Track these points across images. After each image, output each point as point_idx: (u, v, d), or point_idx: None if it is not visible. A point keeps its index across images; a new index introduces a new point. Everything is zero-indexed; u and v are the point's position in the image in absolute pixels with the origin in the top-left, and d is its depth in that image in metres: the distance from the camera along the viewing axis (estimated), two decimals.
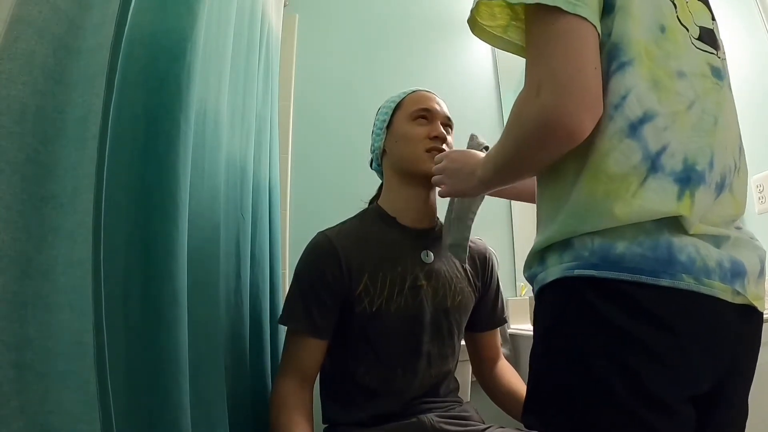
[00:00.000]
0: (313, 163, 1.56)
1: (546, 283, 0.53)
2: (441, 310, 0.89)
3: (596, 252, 0.49)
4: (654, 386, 0.46)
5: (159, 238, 0.57)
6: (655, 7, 0.52)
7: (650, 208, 0.48)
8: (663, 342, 0.47)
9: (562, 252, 0.52)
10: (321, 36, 1.69)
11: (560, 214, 0.52)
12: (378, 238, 0.90)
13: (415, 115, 0.92)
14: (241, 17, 0.92)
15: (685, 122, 0.50)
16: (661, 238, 0.48)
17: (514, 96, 0.53)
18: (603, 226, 0.49)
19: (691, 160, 0.49)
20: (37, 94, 0.43)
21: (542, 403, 0.54)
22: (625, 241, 0.48)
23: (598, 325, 0.48)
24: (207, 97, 0.73)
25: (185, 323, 0.58)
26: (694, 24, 0.55)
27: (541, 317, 0.56)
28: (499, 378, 1.01)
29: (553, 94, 0.47)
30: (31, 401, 0.40)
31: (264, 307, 1.01)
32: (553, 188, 0.55)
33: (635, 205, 0.48)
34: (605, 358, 0.48)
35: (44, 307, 0.41)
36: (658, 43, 0.51)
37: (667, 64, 0.51)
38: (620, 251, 0.48)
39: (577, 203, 0.51)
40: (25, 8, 0.44)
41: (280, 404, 0.81)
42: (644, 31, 0.51)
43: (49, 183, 0.44)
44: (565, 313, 0.51)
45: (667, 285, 0.46)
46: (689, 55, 0.53)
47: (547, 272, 0.53)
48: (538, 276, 0.55)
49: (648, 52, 0.50)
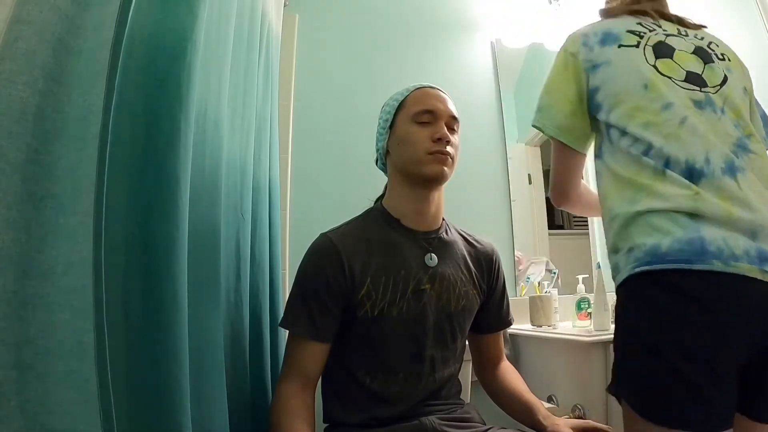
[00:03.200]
0: (313, 162, 1.56)
1: (620, 283, 0.71)
2: (444, 315, 0.88)
3: (649, 252, 0.66)
4: (694, 349, 0.61)
5: (159, 238, 0.57)
6: (637, 77, 0.76)
7: (672, 191, 0.67)
8: (698, 313, 0.62)
9: (628, 256, 0.69)
10: (321, 36, 1.69)
11: (624, 229, 0.72)
12: (381, 241, 0.89)
13: (418, 116, 0.88)
14: (241, 17, 0.92)
15: (678, 137, 0.71)
16: (695, 235, 0.64)
17: (514, 96, 0.59)
18: (645, 208, 0.68)
19: (690, 161, 0.69)
20: (37, 94, 0.43)
21: (615, 372, 0.71)
22: (668, 240, 0.64)
23: (651, 305, 0.66)
24: (207, 97, 0.73)
25: (185, 323, 0.58)
26: (682, 69, 0.77)
27: (618, 307, 0.73)
28: (502, 379, 1.00)
29: (552, 195, 0.94)
30: (31, 401, 0.39)
31: (264, 306, 1.01)
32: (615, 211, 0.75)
33: (661, 194, 0.68)
34: (655, 330, 0.64)
35: (44, 307, 0.41)
36: (644, 97, 0.75)
37: (653, 105, 0.74)
38: (665, 249, 0.64)
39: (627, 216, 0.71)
40: (25, 8, 0.43)
41: (281, 408, 0.81)
42: (633, 96, 0.76)
43: (49, 183, 0.44)
44: (630, 301, 0.70)
45: (701, 269, 0.61)
46: (673, 92, 0.74)
47: (620, 274, 0.71)
48: (616, 278, 0.73)
49: (638, 108, 0.75)
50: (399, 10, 1.82)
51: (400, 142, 0.89)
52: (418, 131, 0.87)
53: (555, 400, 1.25)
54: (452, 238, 0.95)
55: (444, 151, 0.86)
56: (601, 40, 0.81)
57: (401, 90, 0.94)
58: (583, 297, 1.43)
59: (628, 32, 0.81)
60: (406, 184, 0.90)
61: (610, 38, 0.81)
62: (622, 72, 0.78)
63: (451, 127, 0.90)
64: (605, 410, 1.09)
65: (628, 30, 0.82)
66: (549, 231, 1.81)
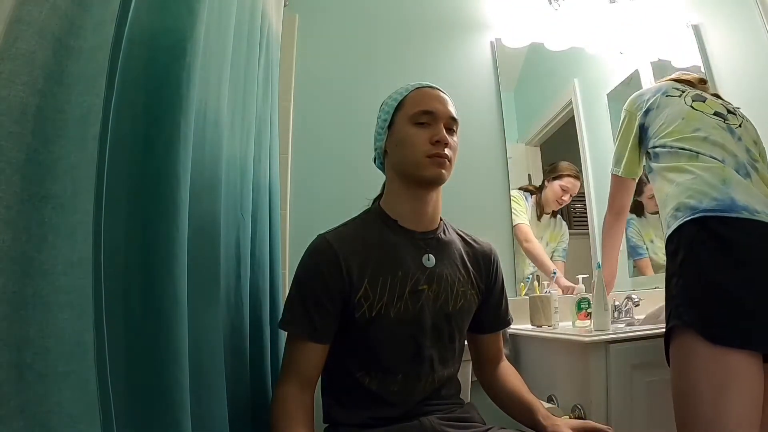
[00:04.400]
0: (313, 163, 1.56)
1: (672, 230, 0.97)
2: (442, 315, 0.88)
3: (691, 207, 0.94)
4: (743, 281, 0.85)
5: (159, 238, 0.57)
6: (677, 112, 1.12)
7: (705, 165, 1.00)
8: (731, 251, 0.87)
9: (676, 212, 0.98)
10: (321, 36, 1.69)
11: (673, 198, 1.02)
12: (379, 242, 0.89)
13: (417, 117, 0.87)
14: (241, 17, 0.92)
15: (704, 143, 1.03)
16: (727, 197, 0.92)
17: (514, 96, 0.59)
18: (689, 182, 1.00)
19: (720, 158, 1.01)
20: (37, 94, 0.43)
21: (677, 305, 0.91)
22: (707, 199, 0.93)
23: (697, 243, 0.91)
24: (207, 97, 0.73)
25: (185, 323, 0.58)
26: (711, 109, 1.11)
27: (672, 250, 0.97)
28: (501, 379, 1.00)
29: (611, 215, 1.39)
30: (31, 401, 0.39)
31: (264, 307, 1.01)
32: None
33: (699, 165, 1.01)
34: (713, 267, 0.88)
35: (44, 307, 0.41)
36: (681, 124, 1.10)
37: (687, 128, 1.08)
38: (705, 205, 0.93)
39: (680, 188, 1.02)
40: (25, 8, 0.43)
41: (280, 409, 0.81)
42: (671, 126, 1.11)
43: (49, 183, 0.44)
44: (684, 245, 0.93)
45: (732, 216, 0.89)
46: (703, 122, 1.08)
47: (671, 226, 0.98)
48: (670, 228, 0.98)
49: (676, 131, 1.10)
50: (399, 10, 1.82)
51: (398, 144, 0.89)
52: (416, 133, 0.86)
53: (555, 400, 1.25)
54: (450, 238, 0.95)
55: (442, 153, 0.85)
56: (653, 92, 1.21)
57: (400, 89, 0.93)
58: (583, 297, 1.43)
59: (674, 88, 1.19)
60: (403, 185, 0.90)
61: (659, 91, 1.20)
62: (667, 111, 1.14)
63: (450, 129, 0.89)
64: (605, 410, 1.09)
65: (673, 87, 1.20)
66: None
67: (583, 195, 1.83)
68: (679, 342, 0.90)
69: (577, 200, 1.85)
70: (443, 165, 0.86)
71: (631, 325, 1.42)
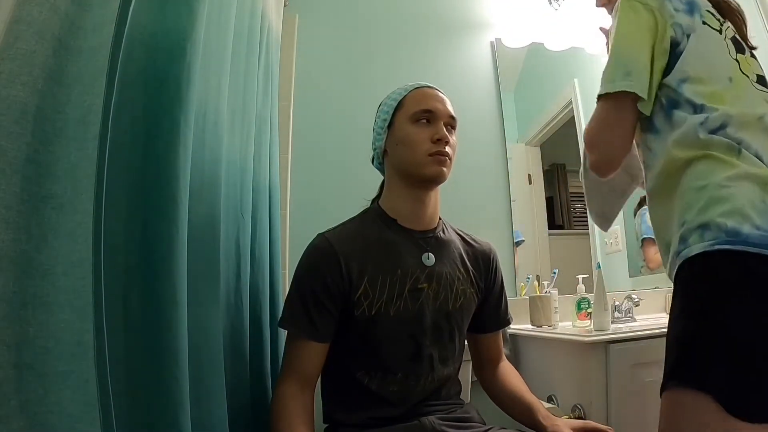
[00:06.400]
0: (312, 163, 1.57)
1: (690, 257, 0.65)
2: (442, 313, 0.89)
3: (730, 233, 0.62)
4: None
5: (159, 238, 0.57)
6: (725, 66, 0.75)
7: (751, 170, 0.65)
8: None
9: (702, 233, 0.65)
10: (321, 36, 1.69)
11: (699, 201, 0.67)
12: (378, 240, 0.89)
13: (417, 116, 0.88)
14: (241, 17, 0.92)
15: (755, 129, 0.69)
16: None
17: (514, 96, 0.59)
18: (726, 182, 0.65)
19: (760, 153, 0.67)
20: (37, 94, 0.43)
21: (692, 364, 0.63)
22: (748, 225, 0.61)
23: (737, 288, 0.61)
24: (207, 97, 0.73)
25: (185, 323, 0.58)
26: (753, 73, 0.77)
27: (687, 284, 0.67)
28: (501, 379, 1.00)
29: (595, 157, 0.81)
30: (31, 401, 0.39)
31: (264, 306, 1.01)
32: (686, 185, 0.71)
33: (741, 165, 0.66)
34: (747, 324, 0.60)
35: (44, 307, 0.41)
36: (728, 91, 0.73)
37: (735, 101, 0.71)
38: (746, 232, 0.61)
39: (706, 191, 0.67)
40: (25, 8, 0.43)
41: (280, 409, 0.81)
42: (715, 86, 0.73)
43: (49, 183, 0.44)
44: (710, 279, 0.64)
45: None
46: (751, 95, 0.74)
47: (690, 249, 0.65)
48: (682, 252, 0.67)
49: (720, 97, 0.71)
50: (399, 10, 1.82)
51: (399, 143, 0.89)
52: (417, 132, 0.87)
53: (555, 400, 1.25)
54: (449, 237, 0.95)
55: (443, 151, 0.86)
56: (688, 9, 0.78)
57: (399, 89, 0.94)
58: (583, 297, 1.43)
59: (709, 12, 0.79)
60: (403, 184, 0.91)
61: (695, 8, 0.78)
62: (711, 52, 0.76)
63: (450, 127, 0.90)
64: (605, 410, 1.09)
65: (707, 10, 0.79)
66: (549, 231, 1.81)
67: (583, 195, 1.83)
68: (682, 404, 0.64)
69: (577, 200, 1.85)
70: (444, 163, 0.87)
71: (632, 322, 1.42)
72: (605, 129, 0.79)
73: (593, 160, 0.82)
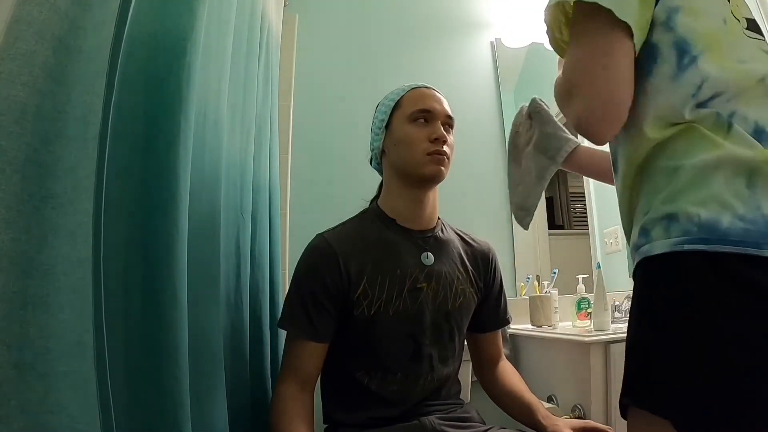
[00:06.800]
0: (313, 163, 1.57)
1: (651, 255, 0.53)
2: (441, 313, 0.89)
3: (704, 227, 0.49)
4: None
5: (159, 238, 0.57)
6: (716, 3, 0.58)
7: (738, 152, 0.50)
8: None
9: (668, 225, 0.52)
10: (321, 36, 1.69)
11: (669, 185, 0.54)
12: (377, 240, 0.89)
13: (414, 116, 0.89)
14: (241, 17, 0.92)
15: (754, 94, 0.54)
16: (758, 212, 0.48)
17: (514, 96, 0.57)
18: (704, 165, 0.51)
19: (761, 123, 0.52)
20: (37, 94, 0.43)
21: (655, 377, 0.52)
22: (728, 215, 0.48)
23: (713, 299, 0.48)
24: (207, 97, 0.73)
25: (185, 323, 0.58)
26: (743, 17, 0.60)
27: (648, 288, 0.55)
28: (501, 379, 1.01)
29: (581, 104, 0.55)
30: (31, 401, 0.39)
31: (264, 306, 1.01)
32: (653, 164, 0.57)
33: (727, 146, 0.51)
34: (722, 330, 0.48)
35: (44, 307, 0.41)
36: (723, 33, 0.56)
37: (731, 53, 0.56)
38: (726, 225, 0.48)
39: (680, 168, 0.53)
40: (25, 8, 0.43)
41: (279, 409, 0.81)
42: (711, 24, 0.56)
43: (49, 183, 0.44)
44: (678, 287, 0.51)
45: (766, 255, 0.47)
46: (744, 45, 0.58)
47: (652, 245, 0.53)
48: (642, 248, 0.54)
49: (717, 42, 0.55)
50: (399, 10, 1.82)
51: (397, 143, 0.90)
52: (415, 132, 0.88)
53: (555, 400, 1.25)
54: (448, 237, 0.96)
55: (441, 151, 0.87)
56: None
57: (396, 90, 0.95)
58: (583, 297, 1.43)
59: None
60: (402, 184, 0.91)
61: None
62: None
63: (447, 126, 0.91)
64: (605, 410, 1.09)
65: None
66: (549, 231, 1.81)
67: (583, 195, 1.83)
68: (641, 427, 0.55)
69: (577, 200, 1.85)
70: (442, 162, 0.87)
71: None
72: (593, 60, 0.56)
73: (580, 111, 0.57)
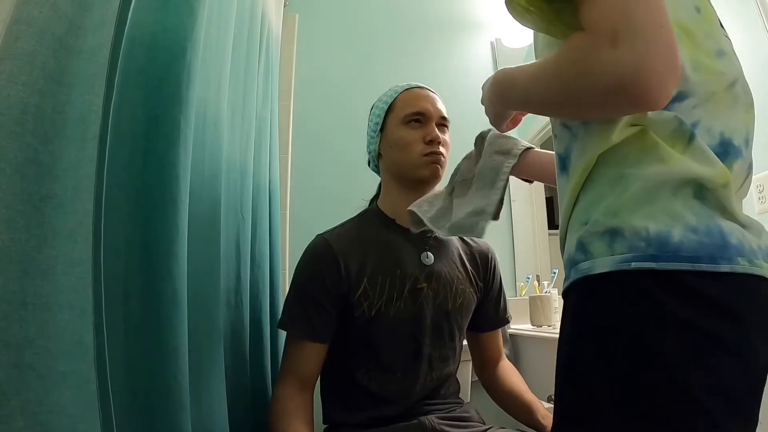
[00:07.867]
0: (313, 163, 1.57)
1: (592, 275, 0.46)
2: (442, 313, 0.89)
3: (653, 242, 0.43)
4: (731, 381, 0.42)
5: (159, 238, 0.57)
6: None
7: (696, 168, 0.45)
8: (732, 332, 0.43)
9: (611, 240, 0.45)
10: (321, 36, 1.69)
11: (612, 194, 0.47)
12: (377, 241, 0.89)
13: (408, 118, 0.89)
14: (241, 17, 0.92)
15: (721, 101, 0.48)
16: (712, 222, 0.44)
17: None
18: (654, 179, 0.45)
19: (727, 135, 0.48)
20: (37, 94, 0.43)
21: (596, 407, 0.46)
22: (679, 227, 0.43)
23: (666, 322, 0.43)
24: (207, 97, 0.73)
25: (185, 323, 0.58)
26: (713, 13, 0.54)
27: (589, 311, 0.48)
28: (501, 378, 1.01)
29: (635, 50, 0.40)
30: (31, 401, 0.39)
31: (264, 307, 1.01)
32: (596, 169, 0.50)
33: (684, 160, 0.45)
34: (679, 356, 0.42)
35: (44, 307, 0.41)
36: (697, 24, 0.49)
37: (706, 43, 0.49)
38: (677, 239, 0.43)
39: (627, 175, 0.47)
40: (25, 8, 0.43)
41: (279, 410, 0.81)
42: (682, 12, 0.49)
43: (49, 183, 0.44)
44: (625, 311, 0.45)
45: (727, 270, 0.42)
46: (721, 36, 0.52)
47: (593, 262, 0.46)
48: (580, 265, 0.48)
49: (688, 33, 0.48)
50: (399, 9, 1.82)
51: (392, 146, 0.90)
52: (409, 134, 0.88)
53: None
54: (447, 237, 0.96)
55: (437, 151, 0.87)
56: None
57: (388, 91, 0.95)
58: None
59: None
60: (400, 186, 0.91)
61: None
62: None
63: (442, 126, 0.91)
64: None
65: None
66: (549, 231, 1.81)
67: None
68: None
69: None
70: (438, 163, 0.88)
71: None
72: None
73: (637, 60, 0.40)
